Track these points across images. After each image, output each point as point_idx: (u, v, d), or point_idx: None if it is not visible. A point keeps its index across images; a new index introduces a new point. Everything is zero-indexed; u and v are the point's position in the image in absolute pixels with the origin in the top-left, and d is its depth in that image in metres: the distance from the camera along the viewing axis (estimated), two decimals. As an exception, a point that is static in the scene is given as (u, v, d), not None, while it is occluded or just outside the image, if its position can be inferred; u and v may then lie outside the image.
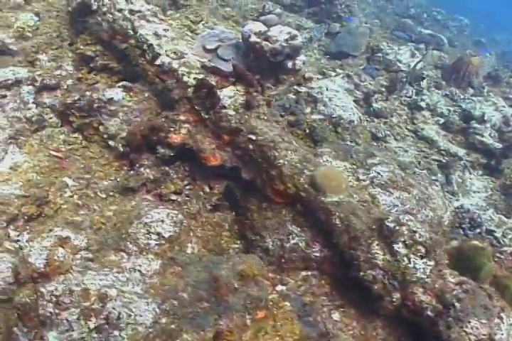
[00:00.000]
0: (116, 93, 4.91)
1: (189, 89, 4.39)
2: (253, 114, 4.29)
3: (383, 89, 7.49)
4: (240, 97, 4.32)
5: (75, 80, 5.40)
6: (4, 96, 5.09)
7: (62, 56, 5.81)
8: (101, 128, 4.83)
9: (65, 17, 6.42)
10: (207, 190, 4.76)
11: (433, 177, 7.02)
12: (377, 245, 3.97)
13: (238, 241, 4.65)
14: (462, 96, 8.46)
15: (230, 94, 4.31)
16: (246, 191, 4.79)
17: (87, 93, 4.93)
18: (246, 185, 4.72)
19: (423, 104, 7.89)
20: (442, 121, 7.94)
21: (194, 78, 4.39)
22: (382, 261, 3.92)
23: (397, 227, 3.93)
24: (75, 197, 4.49)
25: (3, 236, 4.08)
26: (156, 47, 4.59)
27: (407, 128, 7.66)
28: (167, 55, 4.53)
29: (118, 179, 4.73)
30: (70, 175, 4.74)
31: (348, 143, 6.25)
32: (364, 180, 4.75)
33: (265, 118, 4.34)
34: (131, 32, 4.78)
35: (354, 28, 8.38)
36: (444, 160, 7.40)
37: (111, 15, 4.91)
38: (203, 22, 7.66)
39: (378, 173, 4.81)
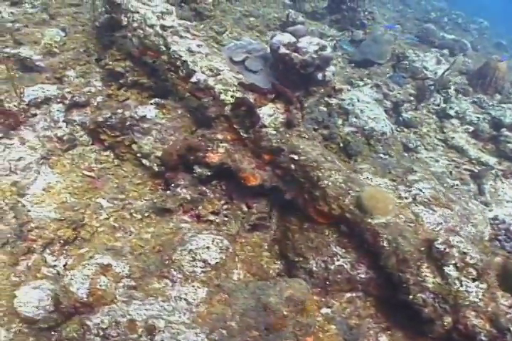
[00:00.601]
0: (149, 110, 4.80)
1: (226, 107, 4.26)
2: (294, 132, 4.15)
3: (412, 98, 7.30)
4: (280, 115, 4.19)
5: (104, 97, 5.31)
6: (34, 115, 5.01)
7: (90, 72, 5.73)
8: (134, 146, 4.72)
9: (91, 31, 6.34)
10: (245, 209, 4.63)
11: (465, 188, 6.85)
12: (427, 268, 3.83)
13: (278, 262, 4.52)
14: (491, 103, 8.26)
15: (269, 112, 4.17)
16: (285, 210, 4.67)
17: (119, 110, 4.83)
18: (285, 204, 4.61)
19: (452, 112, 7.71)
20: (472, 129, 7.74)
21: (232, 96, 4.26)
22: (432, 284, 3.78)
23: (448, 249, 3.79)
24: (111, 219, 4.38)
25: (40, 261, 3.99)
26: (190, 64, 4.46)
27: (436, 138, 7.48)
28: (202, 72, 4.40)
29: (153, 199, 4.61)
30: (103, 196, 4.64)
31: (381, 155, 6.10)
32: (406, 198, 4.59)
33: (306, 136, 4.21)
34: (164, 48, 4.67)
35: (379, 36, 8.22)
36: (475, 170, 7.21)
37: (142, 31, 4.81)
38: (227, 32, 7.57)
39: (420, 190, 4.65)
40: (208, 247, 3.47)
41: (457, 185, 5.95)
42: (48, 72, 5.71)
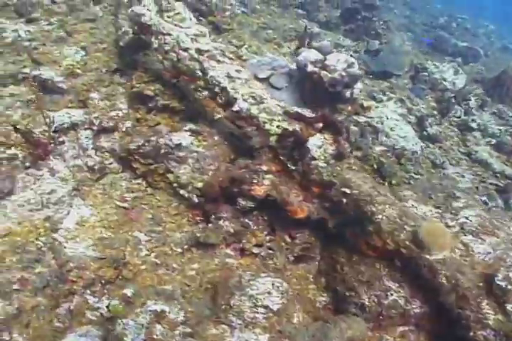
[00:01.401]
0: (184, 138, 4.61)
1: (271, 138, 4.09)
2: (344, 164, 3.99)
3: (435, 112, 7.18)
4: (329, 147, 4.03)
5: (133, 121, 5.10)
6: (62, 143, 4.79)
7: (114, 94, 5.50)
8: (170, 176, 4.53)
9: (112, 50, 6.11)
10: (288, 240, 4.48)
11: (493, 204, 6.75)
12: (488, 304, 3.72)
13: (325, 294, 4.38)
14: (510, 114, 8.18)
15: (318, 144, 4.01)
16: (328, 241, 4.53)
17: (152, 138, 4.63)
18: (328, 234, 4.46)
19: (474, 125, 7.60)
20: (494, 141, 7.65)
21: (278, 126, 4.08)
22: (493, 321, 3.67)
23: (509, 286, 3.68)
24: (152, 255, 4.19)
25: (82, 304, 3.79)
26: (230, 91, 4.28)
27: (460, 151, 7.37)
28: (244, 100, 4.22)
29: (192, 231, 4.43)
30: (140, 229, 4.45)
31: (413, 174, 5.98)
32: (454, 227, 4.46)
33: (356, 168, 4.06)
34: (200, 73, 4.47)
35: (398, 47, 8.08)
36: (501, 184, 7.11)
37: (175, 54, 4.60)
38: (245, 46, 7.37)
39: (467, 218, 4.52)
40: (269, 292, 3.30)
41: (494, 206, 5.83)
42: (71, 94, 5.49)
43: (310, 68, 5.98)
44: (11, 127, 4.83)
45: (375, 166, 5.54)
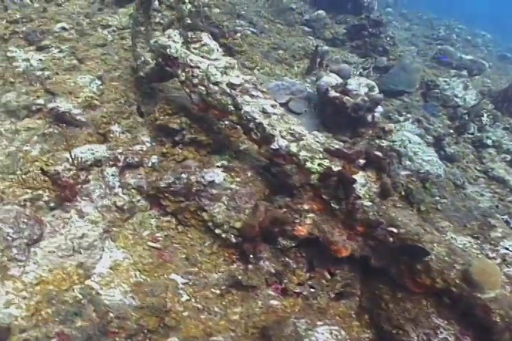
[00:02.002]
0: (217, 174, 4.47)
1: (313, 176, 3.98)
2: (389, 202, 3.90)
3: (452, 131, 7.15)
4: (373, 184, 3.92)
5: (159, 156, 4.95)
6: (87, 181, 4.62)
7: (136, 126, 5.36)
8: (205, 215, 4.39)
9: (128, 79, 5.97)
10: (328, 276, 4.36)
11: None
12: (544, 343, 3.64)
13: (368, 330, 4.26)
14: (523, 129, 8.19)
15: (361, 181, 3.90)
16: (368, 276, 4.42)
17: (183, 175, 4.48)
18: (367, 270, 4.35)
19: (489, 142, 7.59)
20: (509, 157, 7.64)
21: (319, 164, 3.97)
22: (549, 361, 3.59)
23: None
24: (193, 300, 4.04)
25: (125, 358, 3.63)
26: (267, 127, 4.15)
27: (476, 169, 7.35)
28: (282, 137, 4.10)
29: (231, 271, 4.29)
30: (176, 270, 4.29)
31: (438, 198, 5.92)
32: (495, 258, 4.39)
33: (400, 205, 3.96)
34: (232, 108, 4.34)
35: (408, 64, 8.06)
36: (520, 202, 7.09)
37: (204, 88, 4.47)
38: (257, 67, 7.27)
39: (507, 249, 4.46)
40: (328, 344, 3.18)
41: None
42: (90, 127, 5.32)
43: (332, 94, 5.94)
44: (33, 167, 4.70)
45: (402, 193, 5.46)
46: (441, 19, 14.61)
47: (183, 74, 4.59)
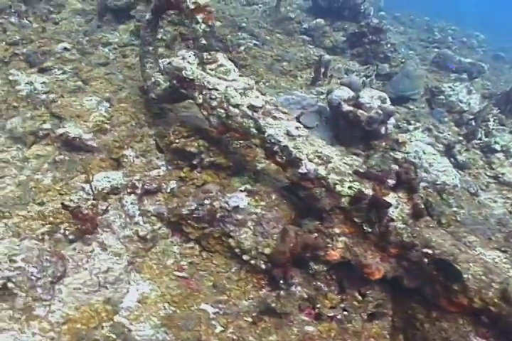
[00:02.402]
0: (241, 199, 4.36)
1: (343, 199, 3.89)
2: (422, 223, 3.83)
3: (461, 138, 7.13)
4: (405, 206, 3.85)
5: (177, 181, 4.83)
6: (106, 211, 4.48)
7: (149, 149, 5.23)
8: (231, 241, 4.28)
9: (137, 100, 5.83)
10: (359, 297, 4.27)
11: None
12: None
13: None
14: (528, 132, 8.19)
15: (393, 203, 3.82)
16: (399, 295, 4.35)
17: (206, 201, 4.37)
18: (397, 289, 4.29)
19: (497, 147, 7.57)
20: (517, 162, 7.63)
21: (350, 187, 3.88)
22: None
23: None
24: (227, 330, 3.92)
25: None
26: (293, 151, 4.05)
27: (487, 175, 7.33)
28: (310, 160, 4.01)
29: (261, 298, 4.18)
30: (205, 300, 4.16)
31: (455, 209, 5.88)
32: (526, 273, 4.34)
33: (432, 225, 3.89)
34: (255, 131, 4.24)
35: (412, 71, 8.02)
36: (531, 206, 7.08)
37: (223, 111, 4.36)
38: (263, 80, 7.19)
39: (538, 262, 4.42)
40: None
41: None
42: (103, 152, 5.18)
43: (346, 108, 5.86)
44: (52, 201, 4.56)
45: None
46: (434, 21, 14.67)
47: (201, 96, 4.47)
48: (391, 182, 3.96)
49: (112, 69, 6.63)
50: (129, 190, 4.65)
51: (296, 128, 4.17)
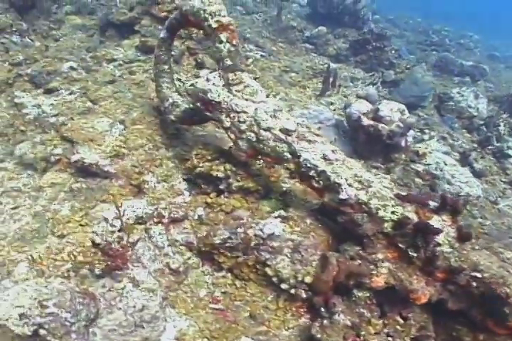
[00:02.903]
0: (276, 225, 4.20)
1: (386, 224, 3.75)
2: (467, 246, 3.71)
3: (476, 145, 7.06)
4: (450, 229, 3.72)
5: (204, 207, 4.64)
6: (134, 244, 4.26)
7: (170, 174, 5.02)
8: (268, 270, 4.10)
9: (152, 121, 5.62)
10: (401, 321, 4.13)
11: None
12: None
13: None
14: (537, 135, 8.17)
15: (438, 226, 3.69)
16: (440, 316, 4.22)
17: (240, 230, 4.19)
18: (442, 312, 4.16)
19: (510, 152, 7.52)
20: (530, 166, 7.60)
21: (393, 212, 3.74)
22: None
23: None
24: (273, 367, 3.76)
25: None
26: (331, 175, 3.89)
27: (502, 181, 7.28)
28: (350, 185, 3.86)
29: (302, 327, 4.03)
30: (245, 332, 3.99)
31: (480, 220, 5.80)
32: None
33: (478, 247, 3.77)
34: (289, 155, 4.07)
35: (419, 78, 7.94)
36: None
37: (253, 134, 4.19)
38: (273, 93, 7.02)
39: None
40: None
41: None
42: (121, 178, 4.97)
43: (366, 122, 5.74)
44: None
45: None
46: (427, 22, 14.68)
47: (228, 119, 4.29)
48: (432, 204, 3.84)
49: (120, 87, 6.40)
50: (155, 220, 4.46)
51: (333, 151, 4.02)
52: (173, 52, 6.70)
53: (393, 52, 8.90)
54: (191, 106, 4.63)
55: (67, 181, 5.05)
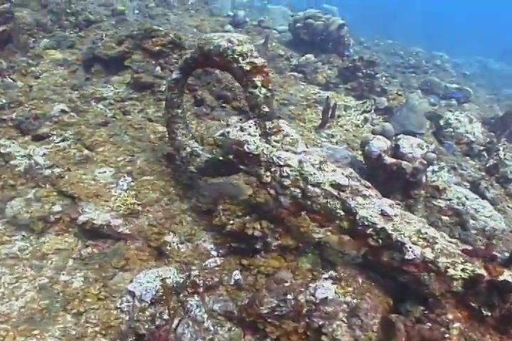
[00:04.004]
0: (328, 288, 3.77)
1: (455, 283, 3.43)
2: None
3: (484, 173, 6.98)
4: (528, 286, 3.44)
5: (239, 269, 4.15)
6: (175, 326, 3.71)
7: (194, 232, 4.50)
8: (324, 338, 3.65)
9: (163, 171, 5.08)
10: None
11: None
12: None
13: None
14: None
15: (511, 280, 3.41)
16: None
17: (289, 296, 3.74)
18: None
19: (512, 176, 7.50)
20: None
21: (463, 270, 3.42)
22: None
23: None
24: None
25: None
26: (393, 233, 3.53)
27: (509, 207, 7.22)
28: (414, 243, 3.51)
29: None
30: None
31: (506, 254, 5.63)
32: None
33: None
34: (342, 213, 3.69)
35: (416, 105, 7.84)
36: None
37: (299, 190, 3.78)
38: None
39: None
40: None
41: None
42: (138, 240, 4.40)
43: (388, 160, 5.47)
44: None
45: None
46: (400, 45, 14.93)
47: (268, 174, 3.86)
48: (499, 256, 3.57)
49: (115, 129, 5.82)
50: (190, 290, 3.91)
51: (390, 206, 3.67)
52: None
53: (384, 78, 8.80)
54: (220, 157, 4.15)
55: (74, 246, 4.42)
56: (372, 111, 8.41)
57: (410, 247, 3.51)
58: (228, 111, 6.55)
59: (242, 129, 3.97)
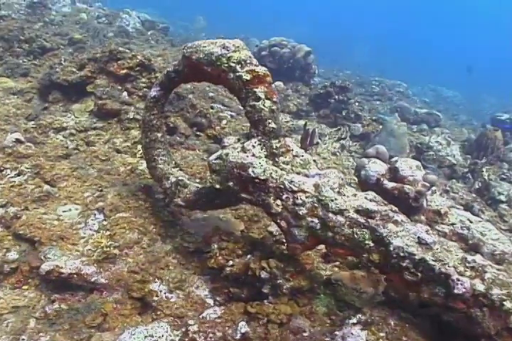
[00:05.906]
0: (359, 336, 3.13)
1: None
2: None
3: (475, 195, 6.69)
4: None
5: (245, 319, 3.43)
6: None
7: (183, 277, 3.76)
8: None
9: (140, 206, 4.35)
10: None
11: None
12: None
13: None
14: (513, 174, 8.11)
15: None
16: None
17: (311, 350, 3.05)
18: None
19: (502, 197, 7.25)
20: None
21: (517, 300, 2.91)
22: None
23: None
24: None
25: None
26: (436, 265, 2.98)
27: (502, 229, 6.93)
28: (461, 274, 2.97)
29: None
30: None
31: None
32: None
33: None
34: (371, 243, 3.10)
35: (396, 129, 7.58)
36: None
37: (317, 220, 3.18)
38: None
39: None
40: None
41: None
42: (117, 290, 3.60)
43: (389, 184, 5.01)
44: None
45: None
46: (356, 74, 15.16)
47: (279, 202, 3.24)
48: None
49: (79, 162, 5.07)
50: (187, 350, 3.14)
51: (427, 232, 3.14)
52: (138, 117, 5.59)
53: (357, 104, 8.57)
54: (217, 186, 3.46)
55: (36, 301, 3.55)
56: (348, 138, 8.07)
57: (458, 279, 2.95)
58: (203, 140, 5.95)
59: (244, 150, 3.36)
